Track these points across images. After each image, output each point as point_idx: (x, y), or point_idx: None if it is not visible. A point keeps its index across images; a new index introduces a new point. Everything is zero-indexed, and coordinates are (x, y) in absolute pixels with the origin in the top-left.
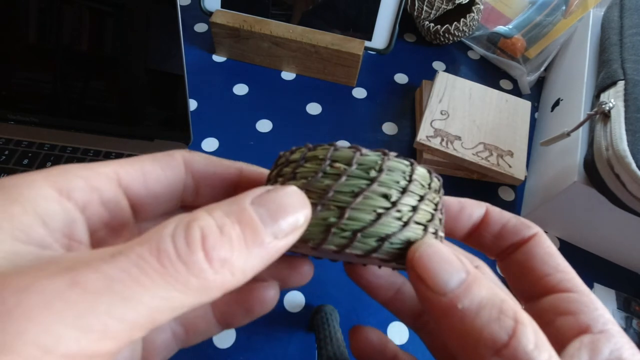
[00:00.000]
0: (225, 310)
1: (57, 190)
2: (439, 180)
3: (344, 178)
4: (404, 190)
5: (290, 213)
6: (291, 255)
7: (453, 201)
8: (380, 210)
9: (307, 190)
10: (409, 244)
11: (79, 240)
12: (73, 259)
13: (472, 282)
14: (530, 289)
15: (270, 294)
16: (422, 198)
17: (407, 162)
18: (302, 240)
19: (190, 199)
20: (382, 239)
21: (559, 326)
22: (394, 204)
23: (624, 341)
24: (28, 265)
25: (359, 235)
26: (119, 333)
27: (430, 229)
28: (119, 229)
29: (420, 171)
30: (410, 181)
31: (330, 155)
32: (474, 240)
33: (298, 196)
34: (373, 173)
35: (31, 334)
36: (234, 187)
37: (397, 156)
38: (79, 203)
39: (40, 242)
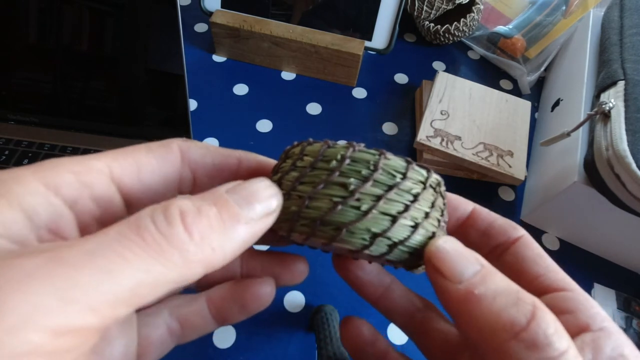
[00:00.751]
0: (221, 306)
1: (45, 185)
2: (437, 179)
3: (308, 170)
4: (365, 179)
5: (263, 198)
6: (285, 253)
7: None
8: (336, 199)
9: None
10: (373, 235)
11: (67, 236)
12: (53, 245)
13: (487, 273)
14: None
15: (265, 290)
16: (390, 188)
17: (375, 152)
18: (274, 229)
19: (187, 191)
20: (339, 229)
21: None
22: (351, 192)
23: (623, 338)
24: (7, 254)
25: (318, 223)
26: (102, 307)
27: (403, 221)
28: (111, 223)
29: (391, 162)
30: (374, 170)
31: (304, 151)
32: (460, 237)
33: (268, 185)
34: (334, 164)
35: (11, 304)
36: (233, 177)
37: (368, 147)
38: (67, 198)
39: (20, 238)
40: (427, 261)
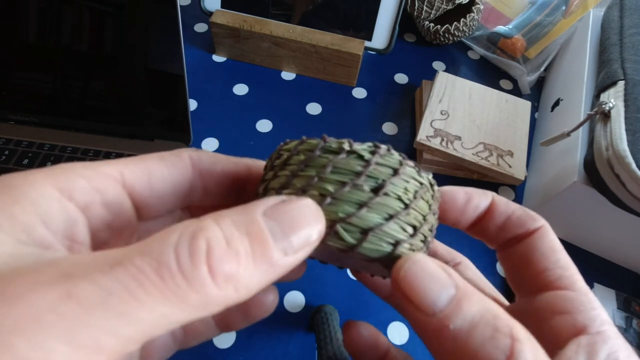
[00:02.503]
0: (225, 314)
1: (59, 190)
2: (431, 182)
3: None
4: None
5: (304, 228)
6: None
7: (459, 192)
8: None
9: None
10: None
11: (80, 242)
12: (72, 263)
13: (462, 298)
14: (528, 283)
15: (269, 299)
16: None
17: (397, 159)
18: None
19: (198, 199)
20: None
21: (555, 325)
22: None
23: (620, 343)
24: (29, 267)
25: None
26: (112, 348)
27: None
28: (121, 229)
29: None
30: (396, 173)
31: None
32: (476, 230)
33: (313, 210)
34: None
35: (20, 350)
36: (243, 184)
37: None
38: (80, 204)
39: (41, 242)
40: (395, 288)
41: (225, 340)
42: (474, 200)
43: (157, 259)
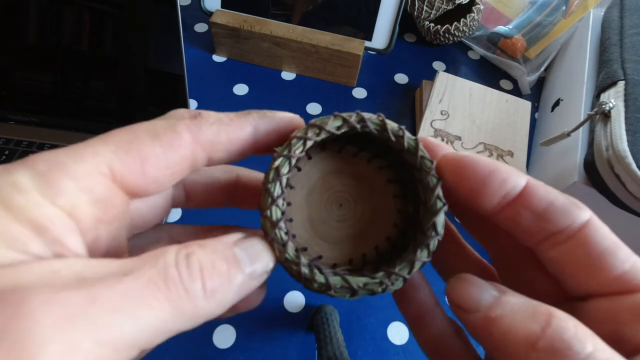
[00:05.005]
0: None
1: (44, 195)
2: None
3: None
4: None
5: (263, 258)
6: None
7: (481, 159)
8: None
9: None
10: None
11: (70, 246)
12: (82, 270)
13: (503, 296)
14: (589, 284)
15: (254, 292)
16: None
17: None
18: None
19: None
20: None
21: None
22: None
23: None
24: (35, 278)
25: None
26: (123, 349)
27: None
28: (111, 220)
29: None
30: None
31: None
32: (507, 219)
33: (265, 245)
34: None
35: (55, 346)
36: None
37: None
38: (66, 207)
39: (35, 251)
40: (449, 301)
41: (225, 340)
42: (500, 174)
43: (164, 271)
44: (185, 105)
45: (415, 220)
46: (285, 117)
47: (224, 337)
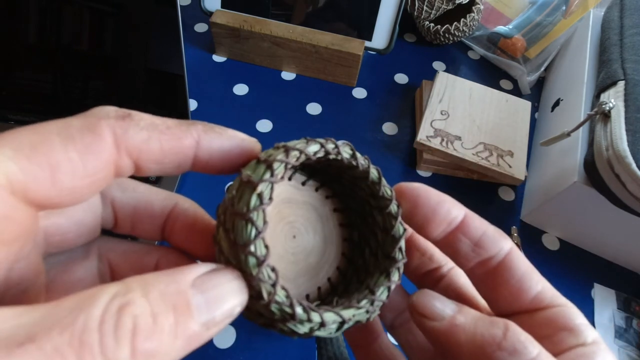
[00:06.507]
0: None
1: None
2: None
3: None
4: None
5: (228, 302)
6: None
7: (432, 190)
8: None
9: None
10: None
11: None
12: None
13: (462, 308)
14: (511, 302)
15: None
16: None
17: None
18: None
19: (127, 176)
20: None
21: (559, 340)
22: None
23: (610, 357)
24: None
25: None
26: None
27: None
28: (14, 241)
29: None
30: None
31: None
32: (449, 243)
33: (239, 284)
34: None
35: None
36: (190, 163)
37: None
38: None
39: None
40: (413, 311)
41: (225, 340)
42: (447, 204)
43: (80, 337)
44: (185, 105)
45: (361, 248)
46: (236, 137)
47: (224, 337)
